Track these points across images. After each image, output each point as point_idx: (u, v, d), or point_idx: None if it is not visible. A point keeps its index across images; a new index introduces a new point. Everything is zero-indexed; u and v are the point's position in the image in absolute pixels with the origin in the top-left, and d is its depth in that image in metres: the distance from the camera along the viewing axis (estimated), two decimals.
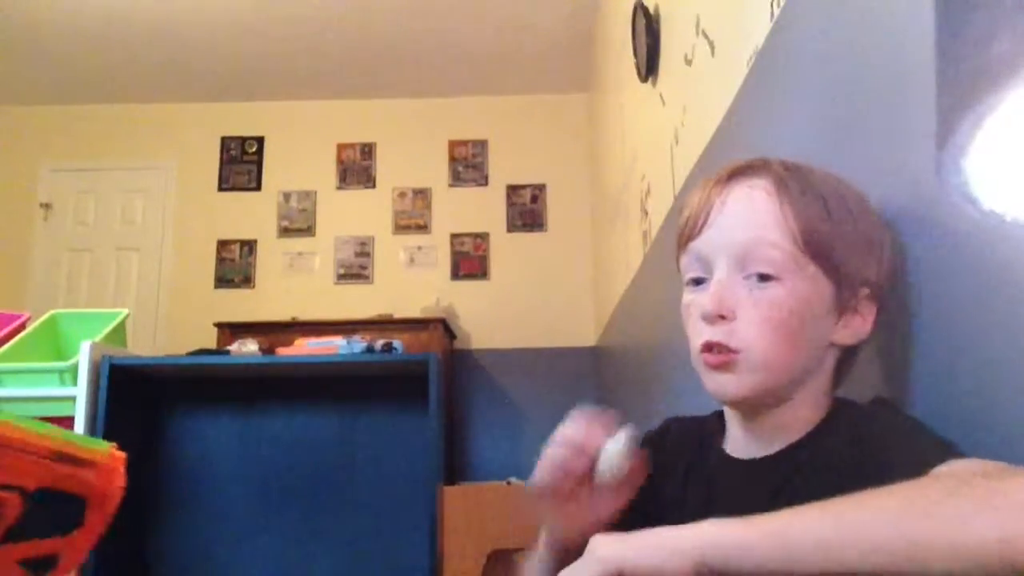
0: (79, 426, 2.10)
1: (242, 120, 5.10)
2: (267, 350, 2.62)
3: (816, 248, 0.68)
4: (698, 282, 0.72)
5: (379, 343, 2.45)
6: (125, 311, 2.47)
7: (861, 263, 0.71)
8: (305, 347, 2.58)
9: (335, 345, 2.46)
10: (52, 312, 2.39)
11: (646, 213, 2.66)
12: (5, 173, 5.04)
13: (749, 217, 0.69)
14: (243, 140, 5.10)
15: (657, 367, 2.42)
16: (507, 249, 4.89)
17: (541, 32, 4.32)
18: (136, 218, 5.02)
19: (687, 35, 1.95)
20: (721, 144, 1.67)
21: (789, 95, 1.24)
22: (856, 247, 0.70)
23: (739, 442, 0.75)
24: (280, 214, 4.99)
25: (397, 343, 2.48)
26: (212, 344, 4.02)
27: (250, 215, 4.98)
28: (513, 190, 4.96)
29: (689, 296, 0.73)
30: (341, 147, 5.06)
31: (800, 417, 0.71)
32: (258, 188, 5.03)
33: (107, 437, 2.39)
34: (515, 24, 4.24)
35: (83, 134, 5.10)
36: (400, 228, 4.94)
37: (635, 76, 2.65)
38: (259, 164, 5.06)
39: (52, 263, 4.93)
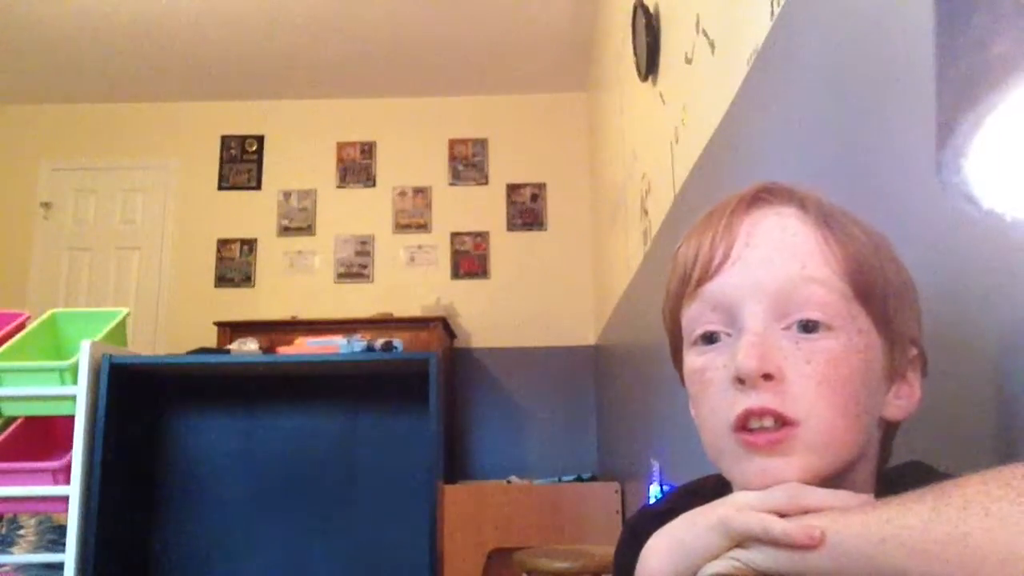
0: (79, 425, 2.10)
1: (242, 119, 5.10)
2: (267, 349, 2.62)
3: (868, 292, 0.54)
4: (710, 339, 0.56)
5: (379, 342, 2.45)
6: (125, 310, 2.47)
7: (909, 317, 0.58)
8: (305, 346, 2.58)
9: (335, 344, 2.45)
10: (52, 311, 2.39)
11: (646, 212, 2.66)
12: (5, 172, 5.04)
13: (787, 249, 0.54)
14: (243, 139, 5.10)
15: (657, 366, 2.42)
16: (507, 248, 4.89)
17: (541, 31, 4.32)
18: (136, 217, 5.02)
19: (687, 34, 1.95)
20: (721, 143, 1.67)
21: (789, 94, 1.24)
22: (902, 296, 0.57)
23: None
24: (280, 213, 4.99)
25: (397, 342, 2.48)
26: (212, 343, 4.02)
27: (250, 214, 4.98)
28: (513, 189, 4.96)
29: (700, 359, 0.56)
30: (341, 146, 5.06)
31: None
32: (258, 187, 5.03)
33: (107, 436, 2.39)
34: (515, 23, 4.24)
35: (83, 133, 5.10)
36: (400, 227, 4.94)
37: (635, 75, 2.65)
38: (259, 163, 5.07)
39: (52, 262, 4.93)
